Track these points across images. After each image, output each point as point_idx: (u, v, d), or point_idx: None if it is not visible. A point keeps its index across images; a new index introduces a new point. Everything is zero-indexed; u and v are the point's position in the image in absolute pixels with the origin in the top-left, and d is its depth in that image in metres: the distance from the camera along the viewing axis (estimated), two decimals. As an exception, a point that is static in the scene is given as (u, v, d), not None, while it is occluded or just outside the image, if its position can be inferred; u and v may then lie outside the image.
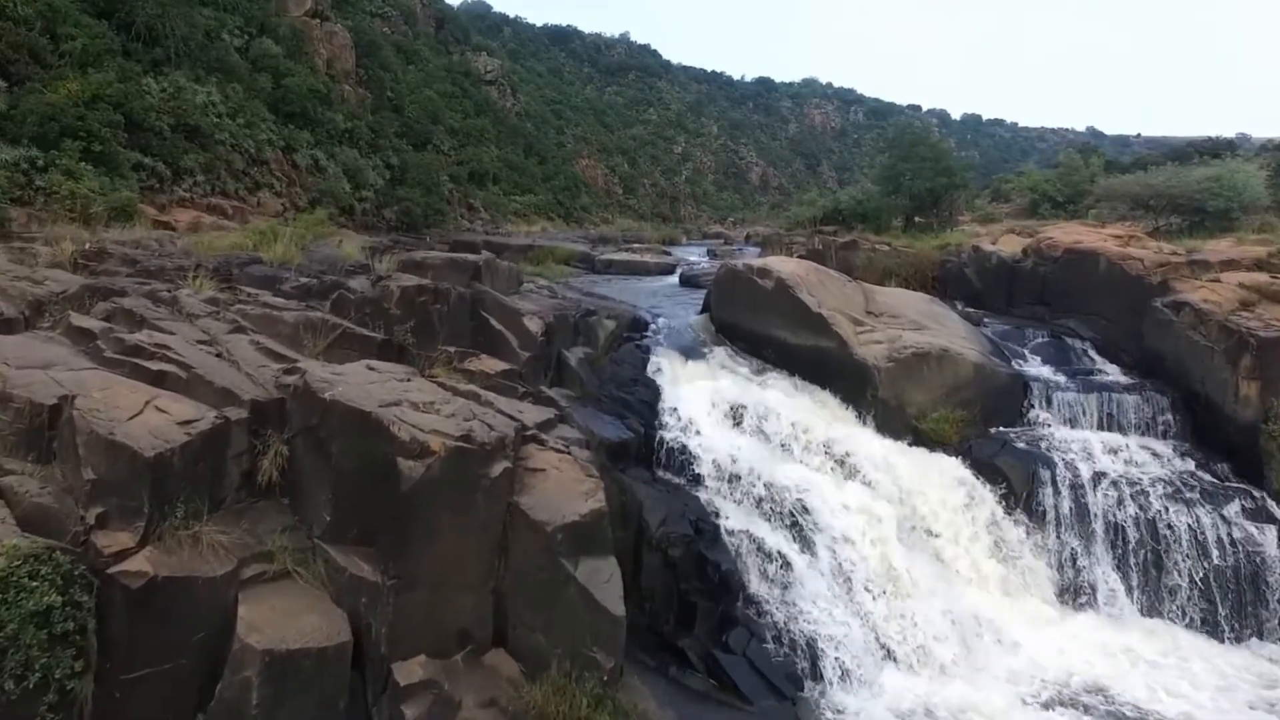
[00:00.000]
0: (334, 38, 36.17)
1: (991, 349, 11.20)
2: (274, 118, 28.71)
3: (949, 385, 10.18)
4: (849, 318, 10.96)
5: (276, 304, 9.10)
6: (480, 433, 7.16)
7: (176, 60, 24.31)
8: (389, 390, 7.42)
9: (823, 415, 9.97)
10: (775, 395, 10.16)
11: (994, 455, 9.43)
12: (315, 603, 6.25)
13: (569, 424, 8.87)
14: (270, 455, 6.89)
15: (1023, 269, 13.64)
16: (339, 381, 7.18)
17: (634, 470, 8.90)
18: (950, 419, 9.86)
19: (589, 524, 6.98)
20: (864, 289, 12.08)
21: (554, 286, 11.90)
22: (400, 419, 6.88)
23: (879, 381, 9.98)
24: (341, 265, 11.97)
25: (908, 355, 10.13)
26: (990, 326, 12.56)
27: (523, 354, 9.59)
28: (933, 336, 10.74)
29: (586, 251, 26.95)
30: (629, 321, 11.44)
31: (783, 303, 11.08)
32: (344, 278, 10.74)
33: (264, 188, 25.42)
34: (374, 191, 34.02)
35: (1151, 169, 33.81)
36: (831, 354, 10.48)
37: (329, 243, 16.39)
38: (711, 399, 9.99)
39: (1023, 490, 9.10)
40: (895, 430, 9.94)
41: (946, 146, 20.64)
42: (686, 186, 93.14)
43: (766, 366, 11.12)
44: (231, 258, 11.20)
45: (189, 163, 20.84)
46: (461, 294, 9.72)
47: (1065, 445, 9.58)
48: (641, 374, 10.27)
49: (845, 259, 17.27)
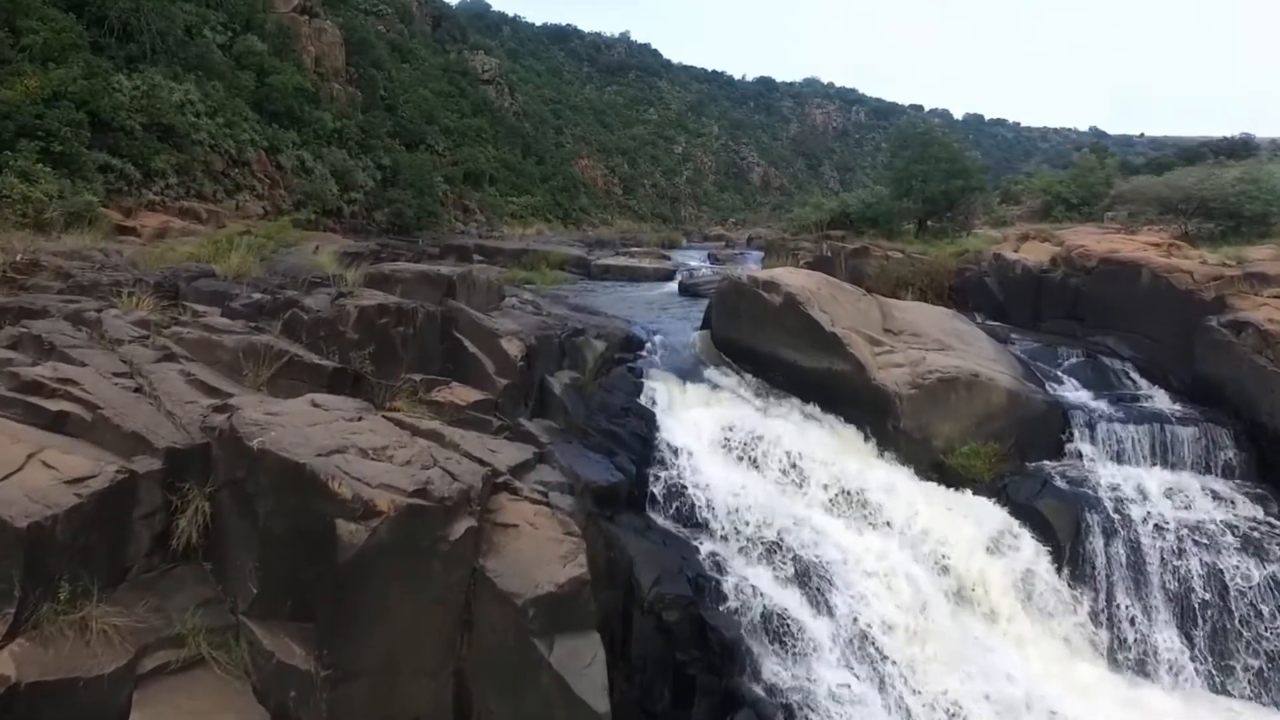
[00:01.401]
0: (323, 35, 35.06)
1: (1024, 372, 10.08)
2: (257, 117, 27.63)
3: (979, 415, 9.07)
4: (865, 337, 9.85)
5: (219, 326, 8.00)
6: (440, 485, 6.06)
7: (152, 57, 23.21)
8: (334, 433, 6.32)
9: (838, 449, 8.87)
10: (784, 426, 9.07)
11: (1033, 496, 8.30)
12: (232, 699, 5.17)
13: (550, 464, 7.76)
14: (190, 514, 5.81)
15: (1051, 280, 12.53)
16: (273, 424, 6.08)
17: (624, 516, 7.81)
18: (982, 453, 8.76)
19: (567, 596, 5.88)
20: (880, 304, 10.98)
21: (539, 301, 10.79)
22: (343, 471, 5.78)
23: (901, 411, 8.88)
24: (306, 278, 10.87)
25: (933, 381, 9.01)
26: (1018, 344, 11.45)
27: (500, 381, 8.50)
28: (959, 358, 9.64)
29: (582, 256, 25.88)
30: (621, 340, 10.34)
31: (791, 320, 9.98)
32: (304, 293, 9.65)
33: (244, 190, 24.33)
34: (364, 193, 32.95)
35: (1175, 170, 32.59)
36: (847, 378, 9.37)
37: (302, 250, 15.37)
38: (712, 430, 8.91)
39: (1068, 538, 7.99)
40: (920, 466, 8.84)
41: (961, 146, 19.44)
42: (687, 187, 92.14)
43: (774, 391, 10.02)
44: (181, 270, 10.12)
45: (161, 164, 19.76)
46: (431, 313, 8.63)
47: (1113, 485, 8.46)
48: (634, 401, 9.18)
49: (855, 267, 16.15)
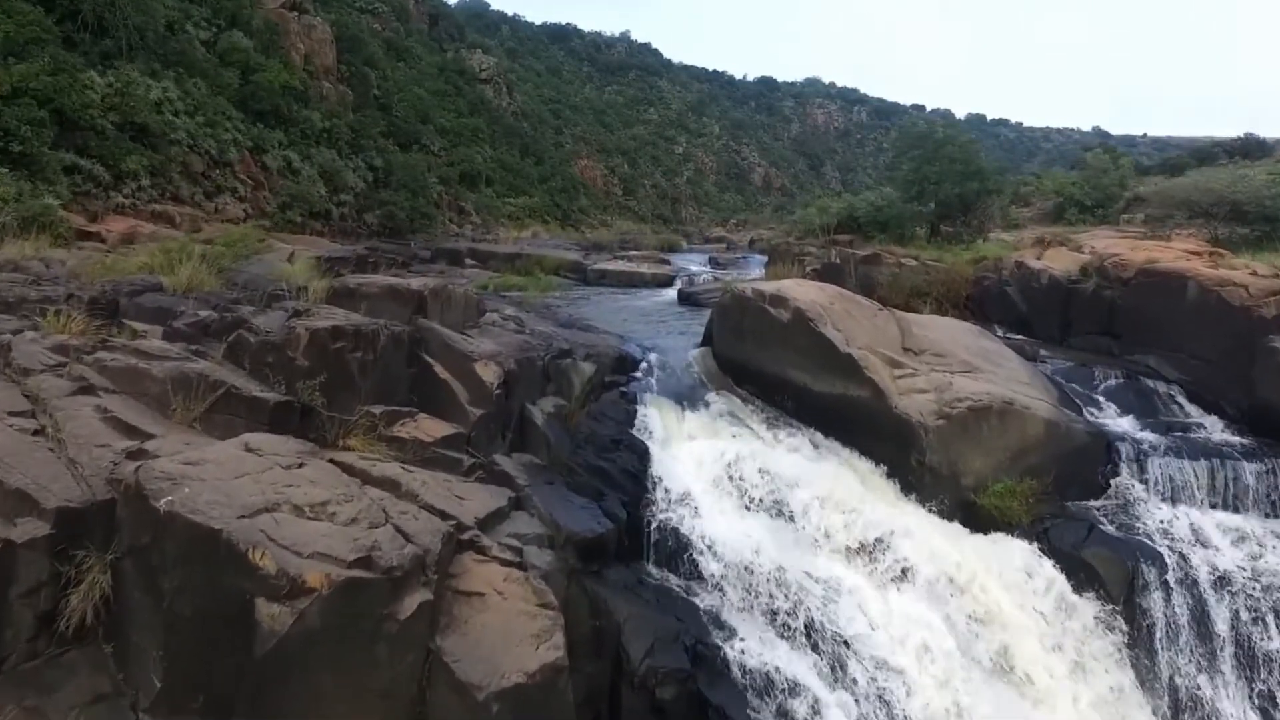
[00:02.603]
0: (313, 31, 34.05)
1: (1059, 396, 9.09)
2: (242, 116, 26.61)
3: (1014, 448, 8.07)
4: (884, 358, 8.84)
5: (152, 350, 7.01)
6: (389, 550, 5.07)
7: (130, 53, 22.21)
8: (266, 485, 5.33)
9: (855, 489, 7.86)
10: (795, 460, 8.08)
11: (1079, 544, 7.30)
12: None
13: (528, 510, 6.77)
14: (85, 588, 4.83)
15: (1082, 292, 11.51)
16: (189, 478, 5.09)
17: (613, 571, 6.81)
18: (1017, 492, 7.75)
19: (539, 687, 4.90)
20: (898, 319, 9.97)
21: (523, 316, 9.79)
22: (269, 537, 4.79)
23: (926, 444, 7.87)
24: (268, 290, 9.91)
25: (962, 410, 8.01)
26: (1049, 364, 10.45)
27: (473, 412, 7.50)
28: (990, 383, 8.63)
29: (578, 260, 24.88)
30: (613, 361, 9.33)
31: (801, 338, 8.99)
32: (257, 310, 8.68)
33: (225, 192, 23.32)
34: (354, 195, 31.92)
35: (1199, 171, 31.49)
36: (864, 405, 8.38)
37: (272, 258, 14.37)
38: (714, 465, 7.92)
39: (1120, 593, 7.00)
40: (947, 506, 7.85)
41: (978, 146, 18.41)
42: (688, 187, 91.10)
43: (782, 418, 9.04)
44: (124, 284, 9.13)
45: (133, 165, 18.73)
46: (397, 334, 7.63)
47: (1168, 529, 7.47)
48: (626, 432, 8.18)
49: (866, 275, 15.16)
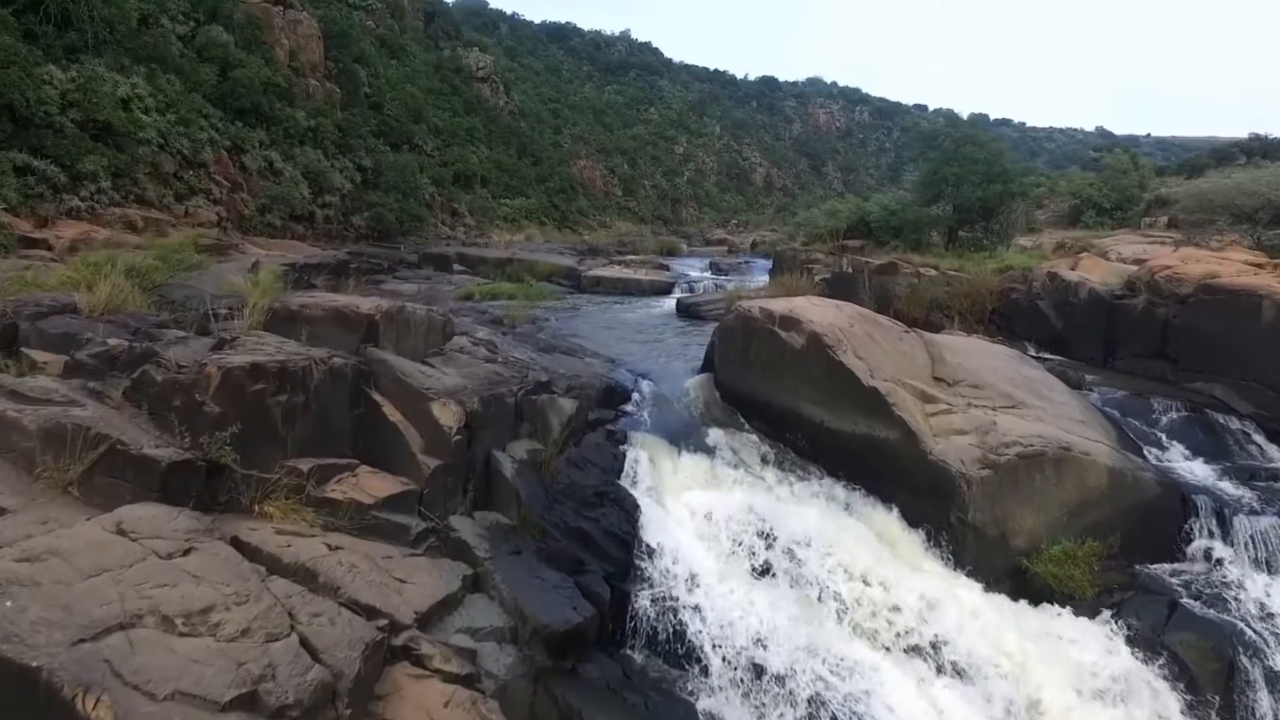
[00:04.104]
0: (298, 27, 32.79)
1: (1118, 436, 7.82)
2: (221, 114, 25.37)
3: (1072, 502, 6.81)
4: (915, 391, 7.58)
5: (31, 392, 5.74)
6: (286, 677, 3.82)
7: (97, 47, 20.99)
8: (129, 588, 4.08)
9: (883, 551, 6.60)
10: (811, 517, 6.81)
11: (1159, 625, 6.03)
12: None
13: (488, 593, 5.51)
14: None
15: (1129, 308, 10.23)
16: (20, 581, 3.83)
17: (593, 663, 5.55)
18: (1079, 557, 6.48)
19: None
20: (927, 343, 8.71)
21: (498, 340, 8.50)
22: (115, 671, 3.54)
23: (969, 498, 6.60)
24: (204, 310, 8.62)
25: (1011, 458, 6.74)
26: (1096, 392, 9.18)
27: (427, 463, 6.24)
28: (1040, 422, 7.37)
29: (572, 266, 23.59)
30: (599, 393, 8.06)
31: (817, 368, 7.74)
32: (183, 338, 7.41)
33: (198, 194, 22.05)
34: (340, 196, 30.68)
35: (1217, 171, 30.25)
36: (893, 449, 7.11)
37: (225, 268, 13.10)
38: (716, 523, 6.66)
39: (1215, 689, 5.72)
40: (994, 573, 6.59)
41: (1002, 145, 17.11)
42: (688, 188, 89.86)
43: (794, 459, 7.78)
44: (29, 304, 7.86)
45: (92, 165, 17.49)
46: (338, 369, 6.37)
47: (1266, 605, 6.20)
48: (612, 481, 6.92)
49: (881, 286, 13.87)
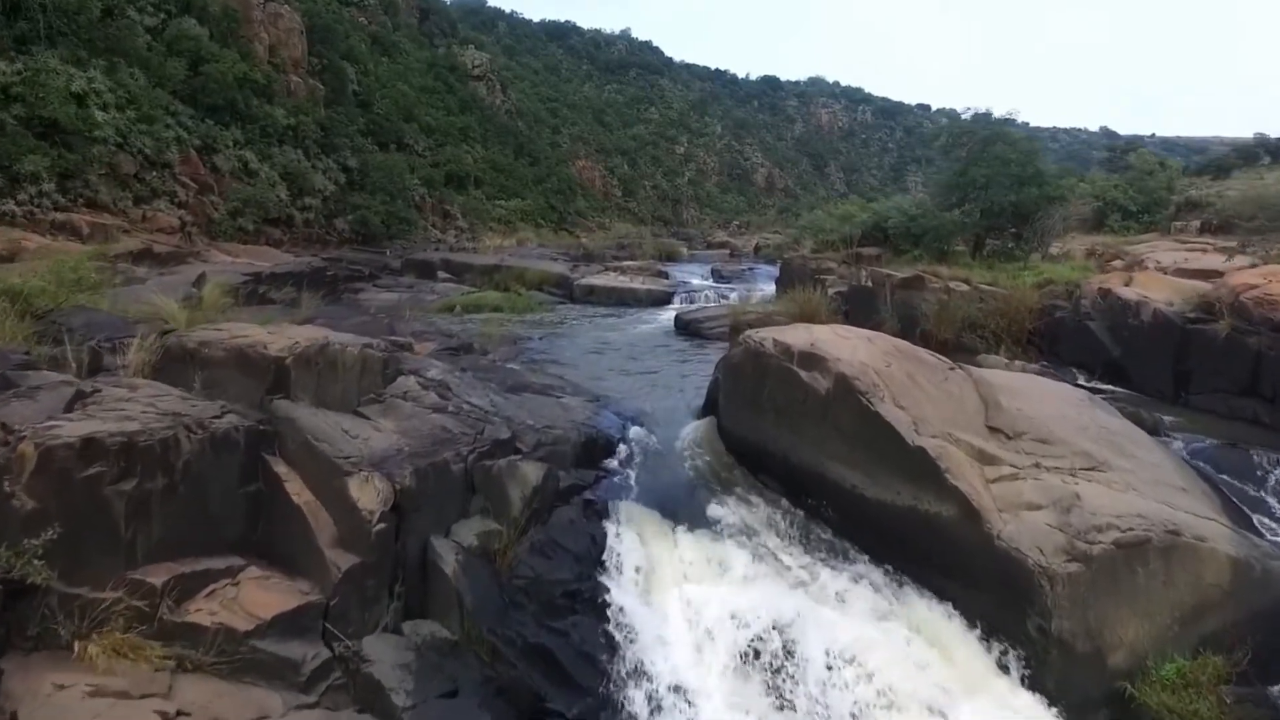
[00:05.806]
0: (279, 20, 31.22)
1: (1224, 504, 6.26)
2: (191, 111, 23.80)
3: (1186, 605, 5.24)
4: (969, 449, 6.02)
5: None
6: None
7: (51, 37, 19.48)
8: None
9: (941, 674, 5.04)
10: (846, 624, 5.25)
11: (1319, 788, 4.50)
12: None
13: (402, 765, 4.00)
14: None
15: (1208, 335, 8.68)
16: None
17: None
18: (1200, 682, 4.92)
19: None
20: (976, 382, 7.13)
21: (452, 380, 6.93)
22: None
23: (1054, 600, 5.04)
24: (91, 343, 7.08)
25: (1107, 547, 5.17)
26: (1174, 438, 7.63)
27: (338, 563, 4.69)
28: (1132, 491, 5.80)
29: (564, 274, 22.06)
30: (575, 449, 6.47)
31: (847, 419, 6.19)
32: (64, 379, 5.82)
33: (161, 196, 20.46)
34: (322, 198, 29.10)
35: (1243, 172, 28.74)
36: (947, 529, 5.56)
37: (171, 280, 11.58)
38: (725, 636, 5.11)
39: None
40: (1084, 698, 5.03)
41: (1037, 145, 15.53)
42: (689, 189, 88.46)
43: (820, 530, 6.22)
44: None
45: (33, 166, 15.96)
46: (223, 435, 4.82)
47: None
48: (590, 574, 5.37)
49: (906, 303, 12.32)
